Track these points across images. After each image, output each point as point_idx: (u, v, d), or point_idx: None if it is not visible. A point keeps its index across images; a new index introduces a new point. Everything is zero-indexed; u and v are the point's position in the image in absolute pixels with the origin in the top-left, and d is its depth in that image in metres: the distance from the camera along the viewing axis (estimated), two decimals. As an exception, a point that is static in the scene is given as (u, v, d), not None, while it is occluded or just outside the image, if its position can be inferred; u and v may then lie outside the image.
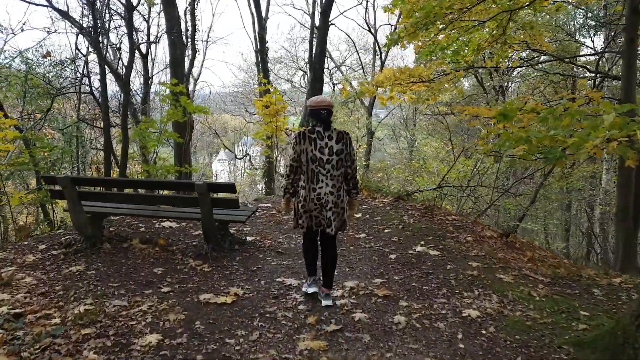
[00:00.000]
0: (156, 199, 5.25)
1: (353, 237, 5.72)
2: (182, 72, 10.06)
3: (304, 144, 3.56)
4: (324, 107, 3.62)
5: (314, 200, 3.55)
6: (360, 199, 8.02)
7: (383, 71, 9.64)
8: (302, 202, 3.60)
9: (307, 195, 3.57)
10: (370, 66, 23.07)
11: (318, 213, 3.58)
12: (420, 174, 14.70)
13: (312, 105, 3.66)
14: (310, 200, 3.56)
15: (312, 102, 3.68)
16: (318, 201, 3.55)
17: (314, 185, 3.55)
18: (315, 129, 3.59)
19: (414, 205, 7.47)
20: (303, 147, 3.56)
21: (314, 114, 3.65)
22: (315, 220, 3.61)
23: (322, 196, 3.54)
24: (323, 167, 3.53)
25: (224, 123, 30.28)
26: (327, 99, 3.73)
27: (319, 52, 11.45)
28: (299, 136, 3.60)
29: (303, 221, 3.65)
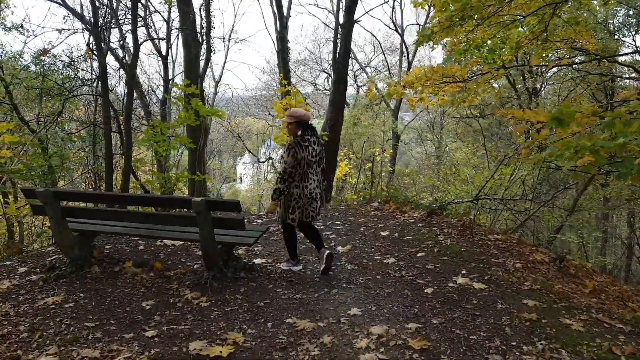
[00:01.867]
0: (151, 217, 4.50)
1: (380, 262, 4.84)
2: (196, 72, 9.37)
3: (303, 152, 4.13)
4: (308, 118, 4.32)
5: (307, 196, 4.23)
6: (386, 212, 7.13)
7: (413, 70, 8.73)
8: (297, 199, 4.23)
9: (301, 193, 4.22)
10: (397, 68, 22.09)
11: (309, 205, 4.26)
12: (451, 182, 13.68)
13: (302, 116, 4.24)
14: (304, 196, 4.22)
15: (302, 114, 4.26)
16: (310, 196, 4.24)
17: (306, 183, 4.23)
18: (305, 137, 4.19)
19: (449, 221, 6.53)
20: (303, 155, 4.12)
21: (304, 124, 4.25)
22: (305, 213, 4.28)
23: (312, 191, 4.26)
24: (311, 167, 4.24)
25: (247, 126, 29.71)
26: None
27: (342, 51, 10.60)
28: (298, 145, 4.12)
29: (295, 216, 4.27)
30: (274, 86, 26.48)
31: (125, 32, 7.19)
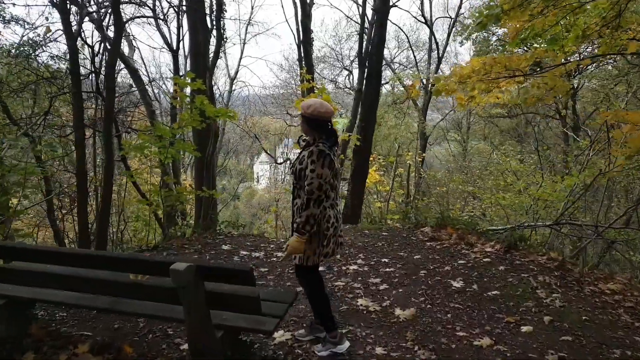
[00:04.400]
0: (110, 285, 2.79)
1: (468, 344, 3.05)
2: (204, 64, 7.69)
3: (335, 159, 2.78)
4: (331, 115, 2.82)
5: (339, 220, 2.90)
6: (446, 242, 5.35)
7: (471, 61, 6.90)
8: (335, 225, 2.82)
9: (337, 215, 2.86)
10: (425, 64, 20.16)
11: (340, 232, 2.91)
12: (494, 190, 11.79)
13: (321, 113, 2.76)
14: (339, 219, 2.89)
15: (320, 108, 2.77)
16: (341, 219, 2.94)
17: (338, 201, 2.95)
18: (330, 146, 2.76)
19: (536, 259, 4.71)
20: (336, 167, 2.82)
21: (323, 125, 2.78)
22: (337, 242, 2.89)
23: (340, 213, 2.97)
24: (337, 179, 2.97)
25: (264, 126, 28.05)
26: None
27: (376, 41, 8.79)
28: (330, 156, 2.70)
29: (329, 249, 2.82)
30: (293, 84, 24.76)
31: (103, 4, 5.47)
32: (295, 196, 2.85)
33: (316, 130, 2.77)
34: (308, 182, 2.64)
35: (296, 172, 2.76)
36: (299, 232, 2.64)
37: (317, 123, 2.76)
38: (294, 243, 2.66)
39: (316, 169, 2.63)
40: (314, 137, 2.78)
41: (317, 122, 2.76)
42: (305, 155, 2.71)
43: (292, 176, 2.83)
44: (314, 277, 2.90)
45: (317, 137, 2.76)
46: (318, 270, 2.94)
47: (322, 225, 2.76)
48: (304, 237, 2.65)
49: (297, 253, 2.72)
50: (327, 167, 2.66)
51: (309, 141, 2.82)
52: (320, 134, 2.76)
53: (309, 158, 2.67)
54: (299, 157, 2.81)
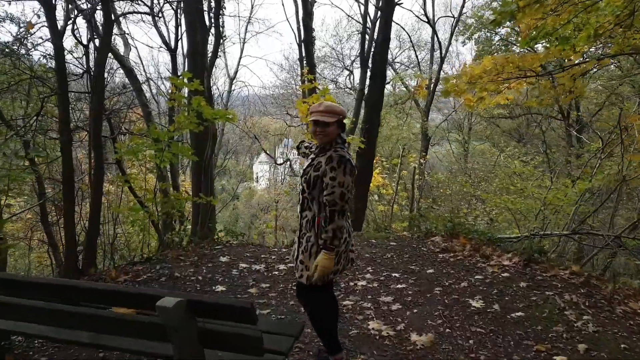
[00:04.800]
0: (95, 320, 2.42)
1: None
2: (202, 64, 7.32)
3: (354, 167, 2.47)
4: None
5: (351, 233, 2.62)
6: (459, 254, 5.00)
7: (482, 61, 6.56)
8: (347, 238, 2.53)
9: (348, 228, 2.57)
10: (426, 63, 19.79)
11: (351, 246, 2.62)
12: (500, 193, 11.42)
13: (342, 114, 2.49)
14: (350, 233, 2.59)
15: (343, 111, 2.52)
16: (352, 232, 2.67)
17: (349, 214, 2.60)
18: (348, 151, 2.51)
19: (559, 274, 4.35)
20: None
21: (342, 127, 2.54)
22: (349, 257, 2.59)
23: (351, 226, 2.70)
24: None
25: (264, 126, 27.64)
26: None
27: (380, 40, 8.43)
28: (351, 162, 2.42)
29: (340, 265, 2.51)
30: (293, 84, 24.38)
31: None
32: (304, 207, 2.52)
33: (339, 135, 2.51)
34: (328, 191, 2.36)
35: (309, 180, 2.45)
36: (328, 249, 2.37)
37: (343, 127, 2.54)
38: (325, 262, 2.37)
39: (337, 176, 2.35)
40: (332, 142, 2.48)
41: (343, 127, 2.54)
42: (323, 162, 2.41)
43: (303, 185, 2.51)
44: (324, 296, 2.60)
45: (333, 142, 2.48)
46: (330, 289, 2.66)
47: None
48: (333, 253, 2.38)
49: (329, 272, 2.41)
50: (349, 175, 2.37)
51: (323, 146, 2.51)
52: (338, 138, 2.49)
53: (327, 164, 2.38)
54: (313, 163, 2.50)
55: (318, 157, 2.50)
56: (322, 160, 2.42)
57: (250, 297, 3.94)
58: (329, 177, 2.36)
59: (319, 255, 2.38)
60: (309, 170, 2.48)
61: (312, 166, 2.48)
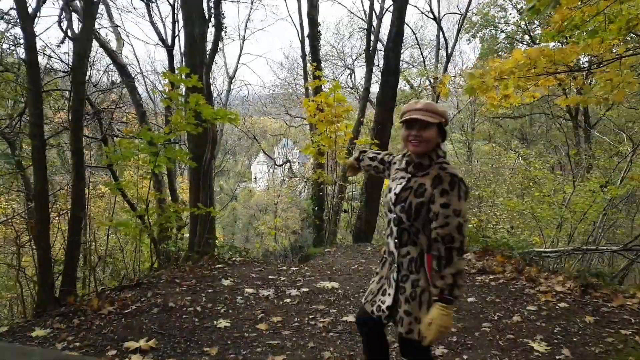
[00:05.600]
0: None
1: None
2: (201, 58, 6.57)
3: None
4: None
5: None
6: (501, 276, 4.29)
7: (513, 54, 5.85)
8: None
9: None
10: (430, 62, 19.11)
11: None
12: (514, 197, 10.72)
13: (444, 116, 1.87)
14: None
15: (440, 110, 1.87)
16: None
17: None
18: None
19: (625, 303, 3.64)
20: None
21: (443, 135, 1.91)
22: None
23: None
24: None
25: (263, 127, 26.93)
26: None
27: (394, 34, 7.71)
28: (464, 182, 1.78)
29: None
30: (294, 83, 23.63)
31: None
32: (405, 242, 1.87)
33: (440, 145, 1.88)
34: (441, 223, 1.74)
35: (410, 209, 1.82)
36: (447, 301, 1.70)
37: (444, 134, 1.91)
38: (444, 318, 1.70)
39: (452, 203, 1.74)
40: (429, 154, 1.85)
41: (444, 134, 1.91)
42: (427, 184, 1.80)
43: (399, 215, 1.86)
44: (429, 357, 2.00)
45: (433, 155, 1.85)
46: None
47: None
48: (454, 305, 1.73)
49: (449, 331, 1.89)
50: (465, 199, 1.77)
51: (419, 160, 1.88)
52: (439, 150, 1.87)
53: (434, 187, 1.77)
54: (411, 186, 1.87)
55: (416, 176, 1.86)
56: (426, 182, 1.80)
57: (259, 335, 3.21)
58: (440, 204, 1.74)
59: (434, 310, 1.73)
60: (407, 195, 1.84)
61: (410, 190, 1.85)
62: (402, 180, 1.90)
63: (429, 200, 1.76)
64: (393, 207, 1.89)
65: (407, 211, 1.81)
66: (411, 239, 1.84)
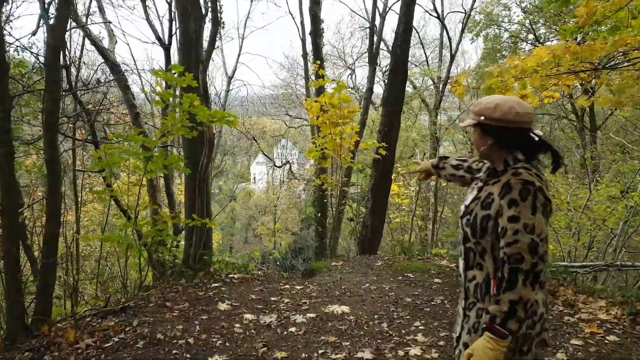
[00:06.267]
0: None
1: None
2: (197, 56, 6.07)
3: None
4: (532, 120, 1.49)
5: (547, 305, 1.53)
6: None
7: (535, 51, 5.37)
8: (543, 315, 1.46)
9: (544, 298, 1.47)
10: (433, 61, 18.58)
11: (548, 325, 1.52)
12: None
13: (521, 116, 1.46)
14: (547, 305, 1.51)
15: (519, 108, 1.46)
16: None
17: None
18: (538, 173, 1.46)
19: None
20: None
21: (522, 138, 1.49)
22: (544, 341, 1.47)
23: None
24: None
25: (262, 127, 26.38)
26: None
27: (402, 29, 7.21)
28: (543, 191, 1.41)
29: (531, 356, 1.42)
30: (294, 83, 23.14)
31: None
32: (471, 264, 1.55)
33: (510, 147, 1.49)
34: (508, 240, 1.38)
35: (475, 223, 1.50)
36: (497, 332, 1.33)
37: (513, 135, 1.47)
38: (489, 353, 1.33)
39: (522, 215, 1.38)
40: (503, 158, 1.51)
41: (514, 134, 1.47)
42: (495, 193, 1.47)
43: (465, 230, 1.56)
44: None
45: (509, 159, 1.50)
46: None
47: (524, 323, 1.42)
48: (505, 341, 1.32)
49: None
50: (542, 212, 1.38)
51: (494, 167, 1.55)
52: (514, 152, 1.49)
53: (502, 197, 1.43)
54: (479, 196, 1.54)
55: (487, 184, 1.54)
56: (494, 191, 1.47)
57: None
58: (507, 217, 1.39)
59: (479, 340, 1.38)
60: (474, 206, 1.53)
61: (479, 201, 1.51)
62: (474, 189, 1.59)
63: (496, 214, 1.42)
64: (460, 220, 1.60)
65: (472, 225, 1.50)
66: (477, 260, 1.51)
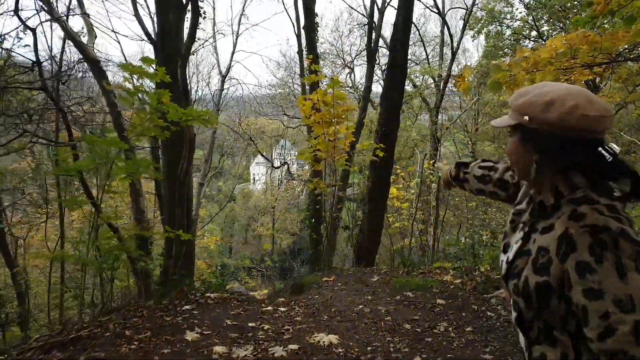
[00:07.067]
0: None
1: None
2: (176, 50, 5.53)
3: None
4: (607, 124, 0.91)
5: None
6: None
7: (549, 42, 4.81)
8: None
9: None
10: (433, 59, 18.03)
11: None
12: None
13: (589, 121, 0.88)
14: None
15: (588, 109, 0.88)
16: None
17: None
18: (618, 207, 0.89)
19: None
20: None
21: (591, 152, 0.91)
22: None
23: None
24: None
25: (260, 127, 25.83)
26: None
27: (401, 21, 6.65)
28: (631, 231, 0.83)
29: None
30: (291, 83, 22.61)
31: None
32: (532, 339, 1.01)
33: (566, 168, 0.96)
34: (596, 331, 0.82)
35: (528, 292, 0.96)
36: None
37: (574, 150, 0.93)
38: None
39: (606, 287, 0.81)
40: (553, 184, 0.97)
41: (576, 148, 0.92)
42: (551, 248, 0.91)
43: (516, 297, 1.01)
44: None
45: (561, 186, 0.96)
46: None
47: None
48: None
49: None
50: (637, 269, 0.81)
51: (541, 199, 1.01)
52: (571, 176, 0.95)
53: (564, 258, 0.87)
54: (526, 247, 1.00)
55: (535, 229, 0.98)
56: (548, 245, 0.91)
57: None
58: (583, 292, 0.84)
59: None
60: (522, 265, 0.97)
61: (527, 257, 0.97)
62: (521, 234, 1.03)
63: (560, 283, 0.89)
64: (505, 282, 1.07)
65: (523, 294, 0.97)
66: (543, 335, 0.97)
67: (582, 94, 0.91)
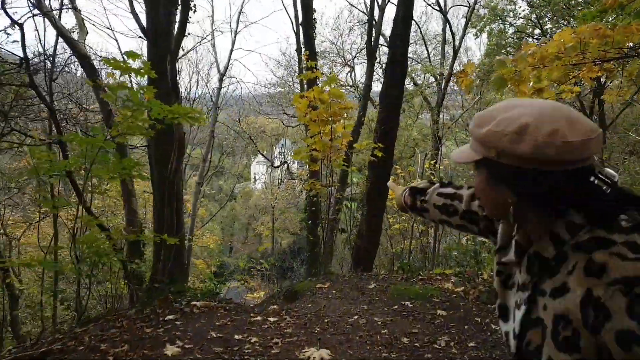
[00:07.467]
0: None
1: None
2: (167, 45, 5.29)
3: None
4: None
5: None
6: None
7: (557, 35, 4.54)
8: None
9: None
10: (434, 58, 17.75)
11: None
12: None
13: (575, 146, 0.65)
14: None
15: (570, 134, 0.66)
16: None
17: None
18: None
19: None
20: None
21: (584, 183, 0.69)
22: None
23: None
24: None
25: (260, 126, 25.61)
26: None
27: (401, 16, 6.40)
28: None
29: None
30: (291, 81, 22.36)
31: None
32: None
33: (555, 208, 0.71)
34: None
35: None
36: None
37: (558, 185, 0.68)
38: None
39: None
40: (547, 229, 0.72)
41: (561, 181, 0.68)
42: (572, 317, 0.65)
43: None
44: None
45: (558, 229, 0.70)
46: None
47: None
48: None
49: None
50: None
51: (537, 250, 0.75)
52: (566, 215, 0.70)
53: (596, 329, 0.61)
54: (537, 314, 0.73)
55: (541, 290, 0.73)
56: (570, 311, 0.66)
57: None
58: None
59: None
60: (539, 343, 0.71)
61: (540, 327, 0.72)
62: (520, 294, 0.79)
63: (559, 339, 0.67)
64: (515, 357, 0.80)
65: (523, 353, 0.76)
66: None
67: (560, 114, 0.68)
